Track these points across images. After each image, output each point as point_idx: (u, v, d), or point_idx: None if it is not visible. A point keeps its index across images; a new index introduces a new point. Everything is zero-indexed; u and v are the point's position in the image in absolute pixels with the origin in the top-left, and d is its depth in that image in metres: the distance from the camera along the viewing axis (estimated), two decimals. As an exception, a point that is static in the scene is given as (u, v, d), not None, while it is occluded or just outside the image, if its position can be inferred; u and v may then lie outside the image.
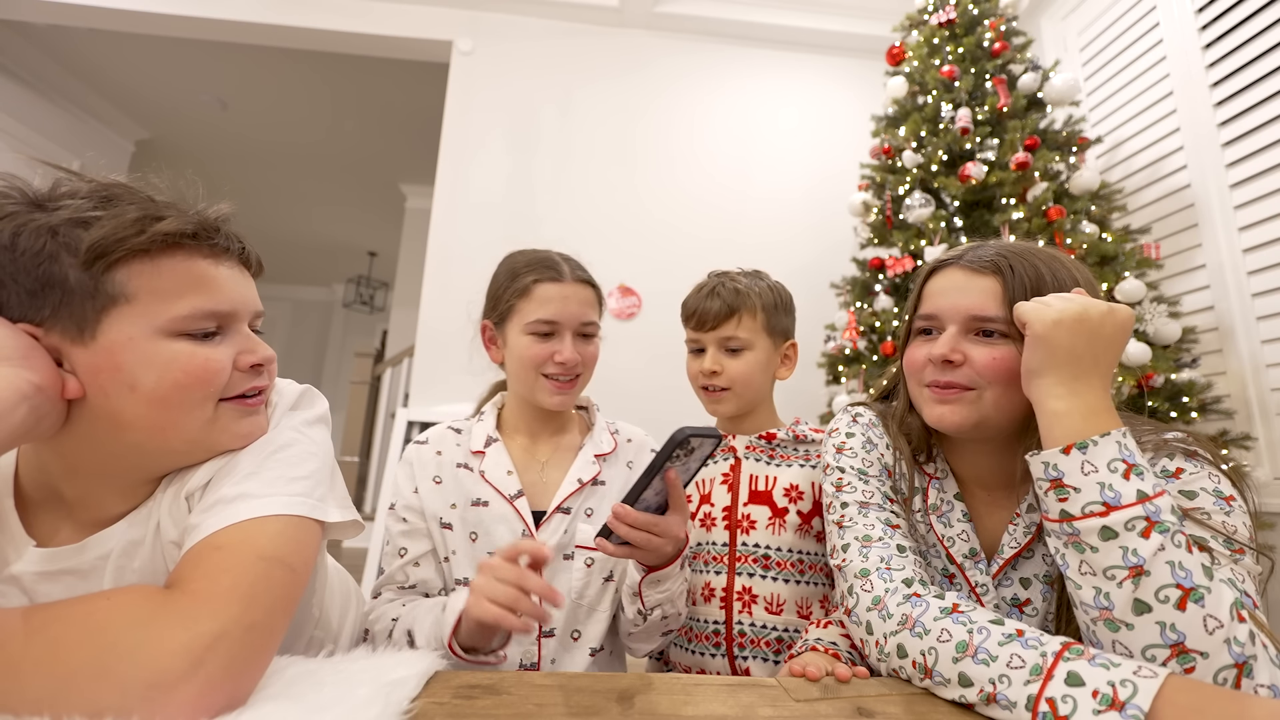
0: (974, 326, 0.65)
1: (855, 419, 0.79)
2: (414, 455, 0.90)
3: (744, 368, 0.93)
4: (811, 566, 0.89)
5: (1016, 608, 0.67)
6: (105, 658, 0.38)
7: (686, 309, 0.97)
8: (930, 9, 2.23)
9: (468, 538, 0.84)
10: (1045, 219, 1.81)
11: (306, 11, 2.76)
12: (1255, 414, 1.75)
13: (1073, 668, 0.46)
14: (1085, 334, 0.56)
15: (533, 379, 0.86)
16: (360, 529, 0.63)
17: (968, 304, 0.65)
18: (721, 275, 0.97)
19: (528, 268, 0.88)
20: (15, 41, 3.21)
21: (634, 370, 2.59)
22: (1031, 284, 0.63)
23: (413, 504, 0.86)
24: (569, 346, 0.85)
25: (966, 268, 0.67)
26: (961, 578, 0.69)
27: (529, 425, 0.92)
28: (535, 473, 0.89)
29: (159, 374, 0.49)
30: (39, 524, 0.54)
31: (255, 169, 4.60)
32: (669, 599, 0.76)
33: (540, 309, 0.85)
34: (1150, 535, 0.49)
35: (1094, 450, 0.53)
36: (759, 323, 0.94)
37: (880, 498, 0.71)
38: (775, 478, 0.92)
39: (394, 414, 2.70)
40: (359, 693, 0.45)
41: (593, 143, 2.84)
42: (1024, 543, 0.66)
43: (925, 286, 0.72)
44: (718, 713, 0.49)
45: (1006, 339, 0.64)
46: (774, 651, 0.85)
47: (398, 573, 0.84)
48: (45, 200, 0.48)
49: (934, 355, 0.66)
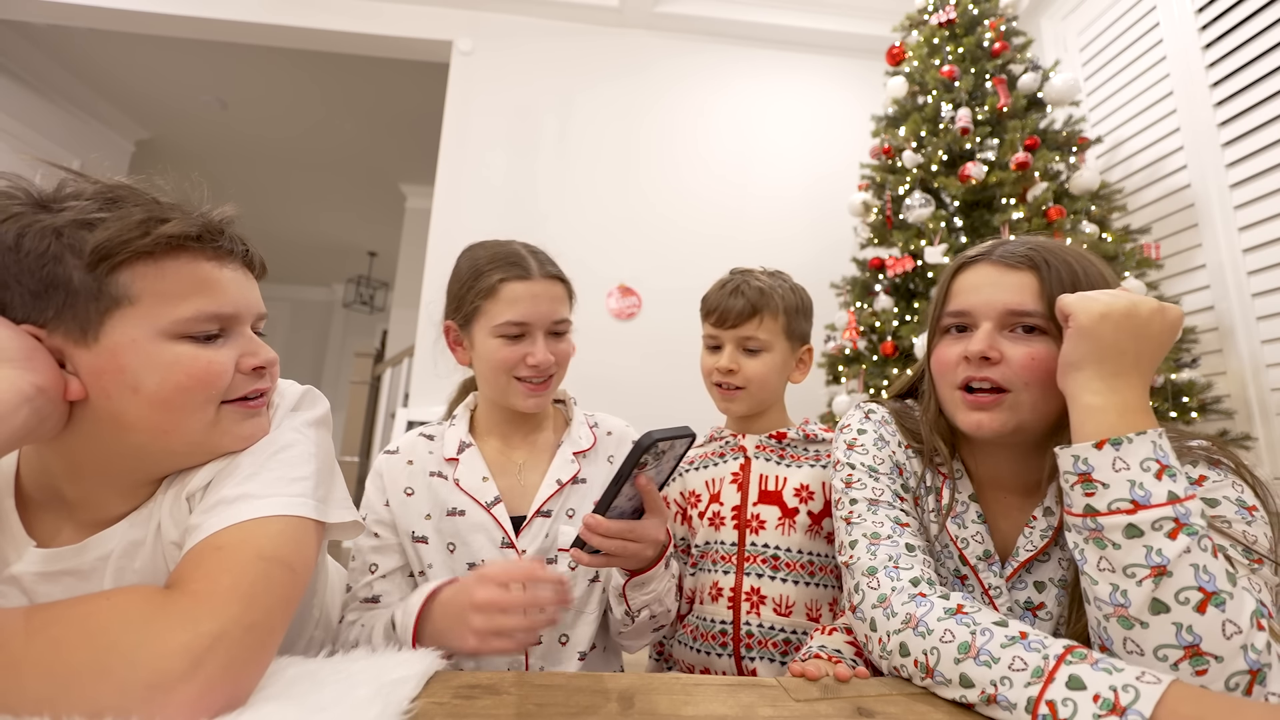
0: (1011, 322, 0.63)
1: (868, 415, 0.77)
2: (384, 466, 0.85)
3: (761, 369, 0.92)
4: (822, 569, 0.87)
5: (1030, 611, 0.66)
6: (105, 658, 0.38)
7: (707, 304, 0.95)
8: (930, 9, 2.23)
9: (445, 549, 0.80)
10: (1045, 219, 1.81)
11: (306, 11, 2.76)
12: (1255, 414, 1.75)
13: (1075, 671, 0.45)
14: (1131, 330, 0.54)
15: (504, 383, 0.82)
16: (361, 529, 0.63)
17: (1004, 299, 0.63)
18: (745, 273, 0.95)
19: (492, 265, 0.82)
20: (15, 41, 3.20)
21: (634, 370, 2.59)
22: (1068, 279, 0.62)
23: (384, 518, 0.82)
24: (541, 348, 0.81)
25: (999, 263, 0.65)
26: (974, 579, 0.68)
27: (502, 427, 0.88)
28: (512, 476, 0.85)
29: (161, 376, 0.49)
30: (40, 524, 0.54)
31: (255, 169, 4.60)
32: (655, 599, 0.75)
33: (509, 310, 0.80)
34: (1178, 537, 0.48)
35: (1127, 447, 0.52)
36: (779, 325, 0.92)
37: (890, 495, 0.70)
38: (785, 478, 0.91)
39: (394, 414, 2.70)
40: (359, 693, 0.45)
41: (593, 143, 2.84)
42: (1040, 546, 0.65)
43: (953, 283, 0.69)
44: (718, 713, 0.49)
45: (1044, 335, 0.62)
46: (781, 653, 0.84)
47: (364, 588, 0.79)
48: (50, 201, 0.48)
49: (971, 352, 0.63)
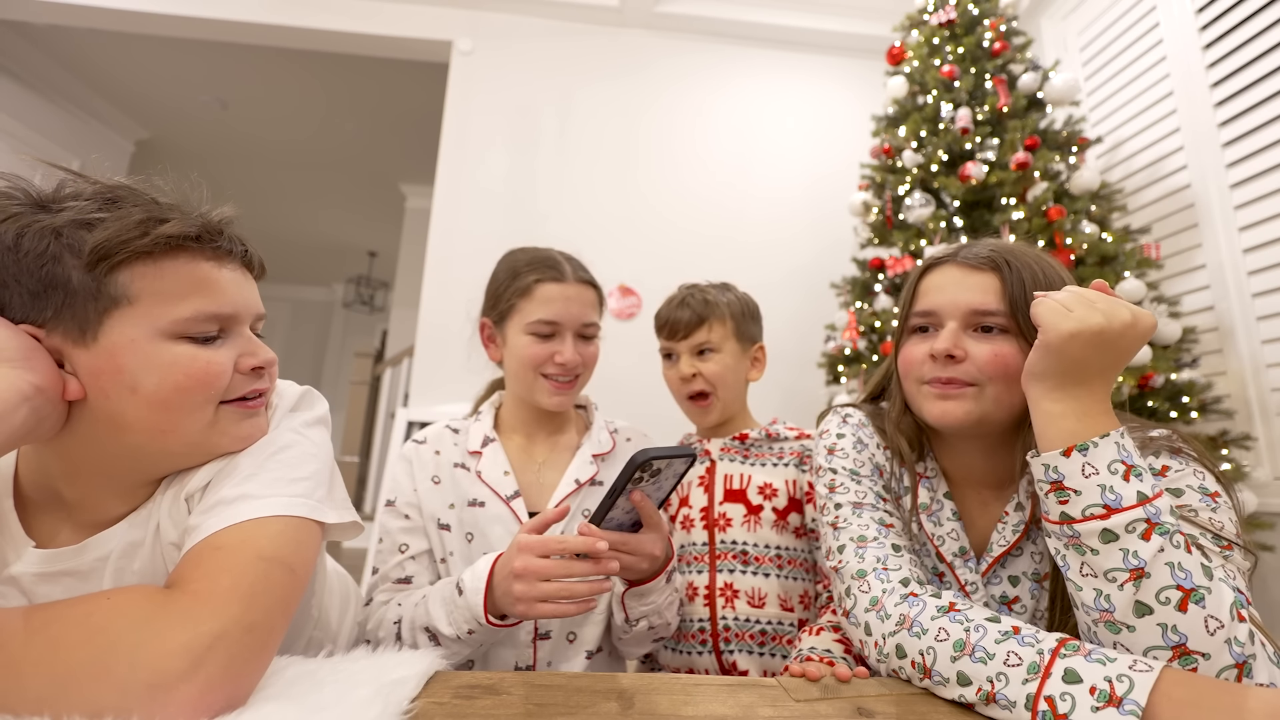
0: (974, 322, 0.66)
1: (845, 420, 0.79)
2: (412, 454, 0.89)
3: (717, 368, 0.97)
4: (791, 561, 0.91)
5: (1005, 605, 0.67)
6: (105, 657, 0.38)
7: (659, 319, 1.02)
8: (930, 9, 2.22)
9: (464, 538, 0.83)
10: (1045, 219, 1.81)
11: (306, 11, 2.76)
12: (1255, 414, 1.74)
13: (1070, 664, 0.46)
14: (1099, 346, 0.54)
15: (532, 379, 0.86)
16: (360, 530, 0.63)
17: (967, 299, 0.66)
18: (691, 288, 1.02)
19: (529, 267, 0.87)
20: (15, 41, 3.20)
21: (634, 370, 2.58)
22: (1029, 280, 0.64)
23: (412, 501, 0.85)
24: (570, 347, 0.85)
25: (963, 264, 0.68)
26: (951, 576, 0.69)
27: (526, 425, 0.92)
28: (532, 473, 0.89)
29: (160, 376, 0.49)
30: (38, 525, 0.54)
31: (255, 169, 4.59)
32: (655, 611, 0.77)
33: (541, 309, 0.84)
34: (1150, 537, 0.49)
35: (1094, 452, 0.52)
36: (728, 329, 0.98)
37: (873, 497, 0.71)
38: (749, 476, 0.95)
39: (394, 414, 2.71)
40: (359, 693, 0.45)
41: (593, 143, 2.84)
42: (1013, 540, 0.67)
43: (920, 284, 0.72)
44: (718, 713, 0.49)
45: (1005, 334, 0.64)
46: (759, 644, 0.86)
47: (395, 569, 0.82)
48: (49, 201, 0.48)
49: (936, 350, 0.66)
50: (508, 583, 0.63)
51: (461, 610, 0.68)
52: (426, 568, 0.83)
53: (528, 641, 0.80)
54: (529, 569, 0.62)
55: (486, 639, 0.70)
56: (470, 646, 0.70)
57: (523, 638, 0.80)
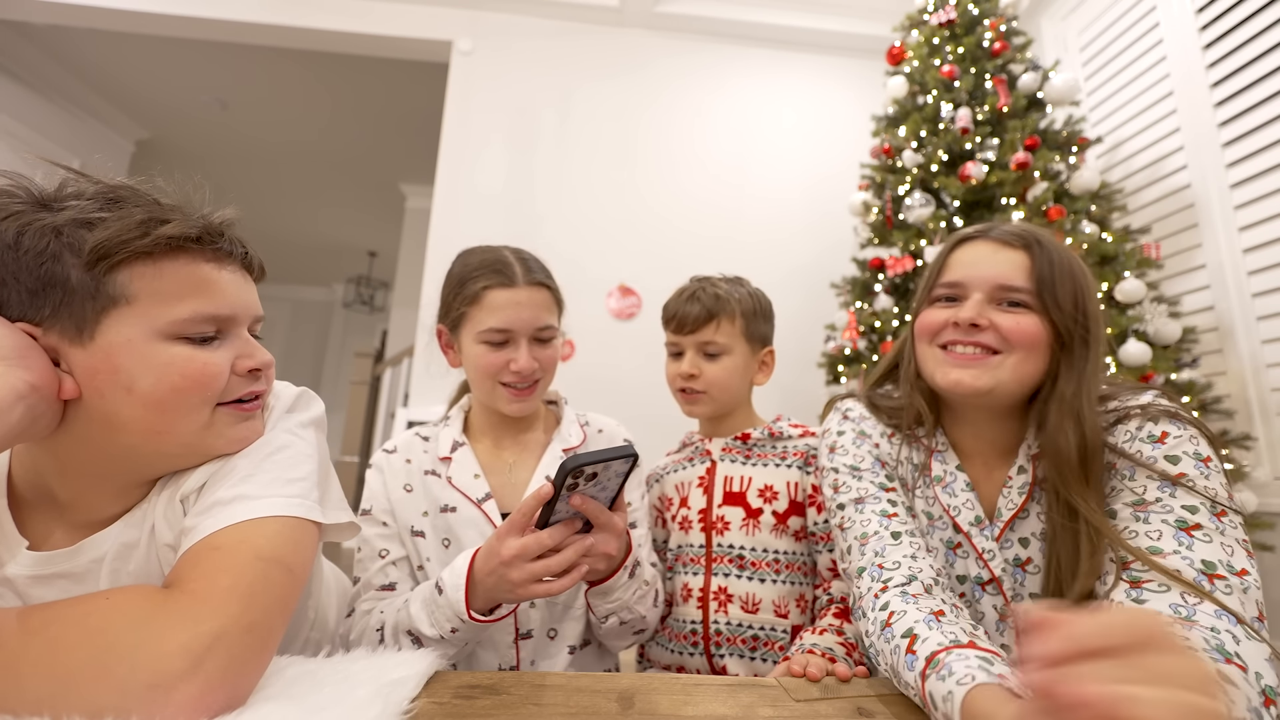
0: (1000, 297, 0.67)
1: (846, 415, 0.80)
2: (384, 463, 0.88)
3: (721, 372, 0.94)
4: (788, 566, 0.89)
5: (1019, 566, 0.69)
6: (104, 658, 0.38)
7: (666, 312, 0.98)
8: (930, 9, 2.22)
9: (440, 544, 0.83)
10: (1045, 219, 1.81)
11: (306, 11, 2.76)
12: (1255, 414, 1.74)
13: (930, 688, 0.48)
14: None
15: (490, 387, 0.84)
16: (356, 530, 0.63)
17: (996, 274, 0.67)
18: (702, 280, 0.97)
19: (478, 271, 0.83)
20: (15, 41, 3.20)
21: (634, 370, 2.58)
22: (1058, 264, 0.66)
23: (387, 508, 0.84)
24: (524, 355, 0.81)
25: (995, 241, 0.70)
26: (968, 545, 0.70)
27: (494, 428, 0.91)
28: (503, 474, 0.88)
29: (156, 377, 0.49)
30: (32, 526, 0.54)
31: (255, 169, 4.59)
32: (623, 607, 0.76)
33: (491, 317, 0.81)
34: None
35: None
36: (737, 328, 0.94)
37: (875, 489, 0.72)
38: (750, 478, 0.93)
39: (394, 414, 2.70)
40: (359, 693, 0.45)
41: (593, 142, 2.84)
42: (1020, 503, 0.68)
43: (950, 257, 0.73)
44: (718, 713, 0.49)
45: (1029, 310, 0.66)
46: (750, 649, 0.86)
47: (377, 575, 0.81)
48: (51, 200, 0.48)
49: (962, 318, 0.67)
50: (499, 572, 0.63)
51: (443, 609, 0.67)
52: (408, 574, 0.83)
53: (509, 643, 0.80)
54: (519, 553, 0.62)
55: (469, 636, 0.70)
56: (454, 646, 0.70)
57: (504, 639, 0.80)
